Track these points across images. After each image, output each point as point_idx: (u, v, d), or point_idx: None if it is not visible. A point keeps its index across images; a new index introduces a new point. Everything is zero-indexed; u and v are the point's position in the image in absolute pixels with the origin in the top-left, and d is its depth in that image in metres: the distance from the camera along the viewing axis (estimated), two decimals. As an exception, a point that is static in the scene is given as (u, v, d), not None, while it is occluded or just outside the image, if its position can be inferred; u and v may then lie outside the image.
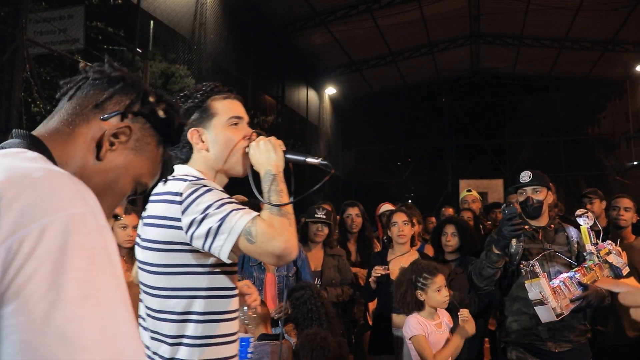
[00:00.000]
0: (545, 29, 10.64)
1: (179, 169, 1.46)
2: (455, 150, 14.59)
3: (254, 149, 1.40)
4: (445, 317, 2.81)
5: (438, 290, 2.70)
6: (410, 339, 2.68)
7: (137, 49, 6.54)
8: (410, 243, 3.40)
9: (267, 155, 1.38)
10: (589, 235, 2.57)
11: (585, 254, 2.57)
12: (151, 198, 1.38)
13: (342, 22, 9.84)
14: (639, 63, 11.10)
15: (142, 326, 1.39)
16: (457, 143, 14.62)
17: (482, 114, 14.33)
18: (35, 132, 0.81)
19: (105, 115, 0.85)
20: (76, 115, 0.84)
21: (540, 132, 13.93)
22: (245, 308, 1.56)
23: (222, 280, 1.35)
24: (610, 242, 2.61)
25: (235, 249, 1.23)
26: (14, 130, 0.81)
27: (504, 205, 2.96)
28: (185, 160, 1.46)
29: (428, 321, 2.72)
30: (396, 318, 3.17)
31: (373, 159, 14.87)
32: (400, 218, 3.35)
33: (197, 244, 1.26)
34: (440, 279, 2.72)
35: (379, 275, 3.14)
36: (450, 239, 3.60)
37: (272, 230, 1.23)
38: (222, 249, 1.23)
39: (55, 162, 0.77)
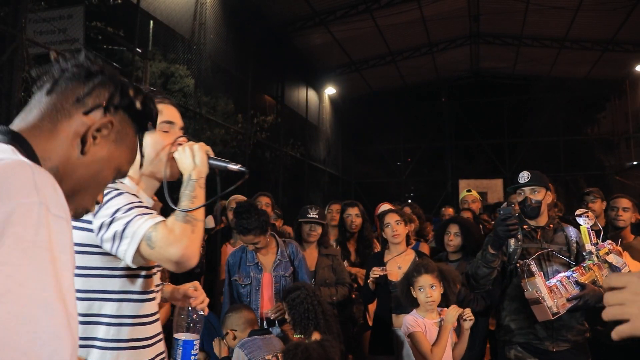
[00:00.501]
0: (544, 28, 10.65)
1: None
2: (455, 150, 14.60)
3: (179, 153, 1.41)
4: (442, 317, 2.81)
5: (420, 289, 2.72)
6: (408, 336, 2.70)
7: (137, 49, 6.54)
8: (406, 242, 3.39)
9: (190, 161, 1.39)
10: (589, 235, 2.58)
11: (584, 253, 2.58)
12: None
13: (342, 22, 9.83)
14: (639, 63, 11.10)
15: None
16: (457, 143, 14.63)
17: (482, 114, 14.34)
18: (15, 127, 0.81)
19: (88, 110, 0.85)
20: (57, 111, 0.84)
21: (539, 132, 13.94)
22: (191, 309, 1.57)
23: (136, 284, 1.36)
24: (610, 241, 2.62)
25: (138, 255, 1.25)
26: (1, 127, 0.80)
27: (504, 205, 2.97)
28: None
29: (425, 319, 2.74)
30: (396, 318, 3.17)
31: (373, 159, 14.88)
32: (392, 218, 3.34)
33: (106, 247, 1.28)
34: (424, 279, 2.73)
35: (377, 276, 3.13)
36: (453, 238, 3.62)
37: (172, 237, 1.23)
38: (126, 253, 1.25)
39: (36, 157, 0.77)
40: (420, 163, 14.76)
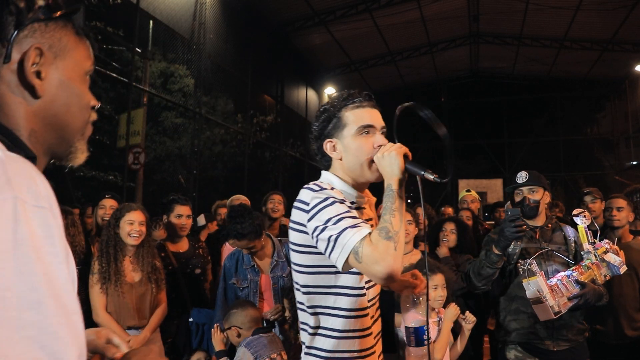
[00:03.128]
0: (544, 28, 10.66)
1: (322, 176, 1.59)
2: (455, 150, 14.61)
3: (378, 159, 1.46)
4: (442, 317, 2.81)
5: (434, 289, 2.73)
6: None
7: (137, 49, 6.55)
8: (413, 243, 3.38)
9: (389, 169, 1.44)
10: (586, 235, 2.59)
11: (582, 252, 2.59)
12: (294, 204, 1.49)
13: (342, 21, 9.85)
14: (638, 63, 11.11)
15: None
16: (456, 143, 14.64)
17: (481, 114, 14.36)
18: None
19: (5, 57, 0.72)
20: None
21: (539, 131, 13.96)
22: (414, 297, 1.70)
23: (352, 280, 1.46)
24: (607, 241, 2.62)
25: (347, 263, 1.31)
26: None
27: (507, 203, 2.98)
28: (328, 167, 1.58)
29: (430, 319, 2.75)
30: (398, 317, 3.17)
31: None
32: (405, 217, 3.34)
33: (321, 246, 1.36)
34: (439, 278, 2.74)
35: None
36: (449, 234, 3.63)
37: (376, 255, 1.26)
38: (337, 261, 1.31)
39: (11, 134, 0.71)
40: (419, 163, 14.73)
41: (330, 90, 12.93)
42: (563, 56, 11.65)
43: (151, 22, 6.90)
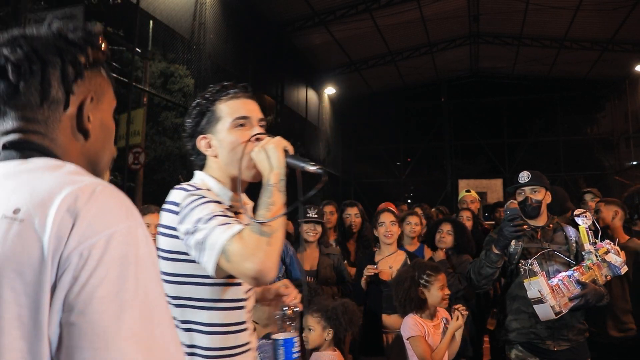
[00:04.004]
0: (544, 28, 10.66)
1: (195, 176, 1.45)
2: (455, 150, 14.62)
3: (256, 154, 1.33)
4: (444, 317, 2.81)
5: (441, 288, 2.72)
6: (408, 340, 2.69)
7: (137, 49, 6.55)
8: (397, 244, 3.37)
9: (267, 163, 1.31)
10: (587, 235, 2.59)
11: (584, 253, 2.59)
12: (162, 206, 1.37)
13: (342, 21, 9.84)
14: (638, 63, 11.11)
15: None
16: (456, 143, 14.64)
17: (481, 114, 14.36)
18: (30, 139, 0.78)
19: (66, 105, 0.81)
20: (44, 124, 0.79)
21: (539, 132, 13.97)
22: (286, 308, 1.57)
23: (227, 292, 1.33)
24: (608, 241, 2.63)
25: (220, 267, 1.20)
26: (12, 141, 0.78)
27: (509, 202, 2.98)
28: (202, 167, 1.45)
29: (426, 322, 2.72)
30: (387, 319, 3.16)
31: (372, 158, 14.89)
32: (387, 218, 3.32)
33: (192, 254, 1.25)
34: (443, 277, 2.74)
35: (371, 274, 3.11)
36: (445, 236, 3.63)
37: (246, 251, 1.16)
38: (207, 265, 1.20)
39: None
40: (419, 163, 14.77)
41: (330, 90, 12.93)
42: (563, 56, 11.65)
43: (151, 22, 6.89)
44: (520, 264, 2.56)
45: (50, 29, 0.82)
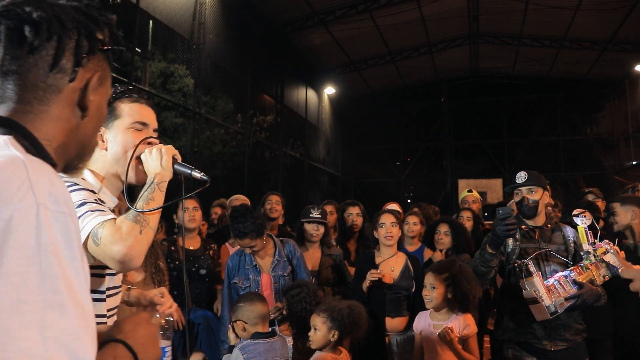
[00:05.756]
0: (544, 28, 10.66)
1: None
2: (454, 150, 14.62)
3: (146, 155, 1.40)
4: (456, 323, 2.71)
5: (424, 287, 2.75)
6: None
7: (136, 49, 6.54)
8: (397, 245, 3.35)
9: (155, 163, 1.38)
10: (586, 235, 2.58)
11: (582, 253, 2.59)
12: None
13: (341, 21, 9.84)
14: (638, 63, 11.10)
15: None
16: (456, 143, 14.64)
17: (481, 114, 14.35)
18: (3, 113, 0.75)
19: (72, 77, 0.79)
20: (43, 90, 0.76)
21: (539, 131, 13.96)
22: (158, 316, 1.56)
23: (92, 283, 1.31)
24: (607, 241, 2.62)
25: (86, 251, 1.20)
26: None
27: (510, 203, 2.98)
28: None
29: (429, 319, 2.75)
30: (389, 322, 3.14)
31: (372, 158, 14.89)
32: (388, 219, 3.28)
33: None
34: (427, 277, 2.77)
35: (376, 279, 3.07)
36: (443, 237, 3.63)
37: (117, 235, 1.20)
38: None
39: (40, 144, 0.74)
40: (419, 163, 14.77)
41: (330, 90, 12.93)
42: (563, 56, 11.65)
43: (151, 22, 6.89)
44: (516, 264, 2.56)
45: (72, 2, 0.81)
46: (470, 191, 5.31)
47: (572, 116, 13.80)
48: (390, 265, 3.23)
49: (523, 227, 2.72)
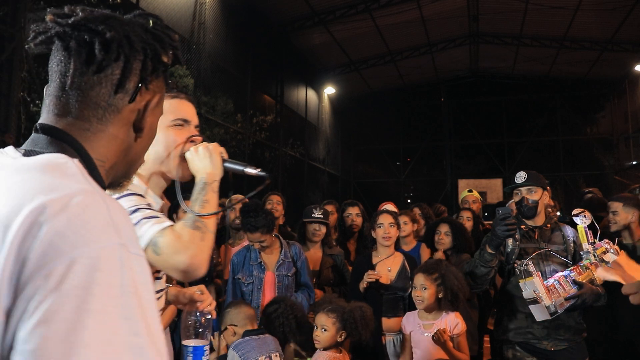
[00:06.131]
0: (544, 28, 10.66)
1: None
2: (454, 150, 14.61)
3: (192, 154, 1.33)
4: (446, 321, 2.75)
5: (414, 287, 2.75)
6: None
7: (136, 49, 6.54)
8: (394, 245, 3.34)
9: (204, 163, 1.31)
10: (586, 234, 2.58)
11: (582, 253, 2.59)
12: None
13: (341, 21, 9.84)
14: (638, 63, 11.10)
15: None
16: (456, 143, 14.64)
17: (481, 114, 14.35)
18: (63, 127, 0.74)
19: (133, 97, 0.79)
20: (103, 109, 0.76)
21: (539, 131, 13.96)
22: (198, 314, 1.53)
23: None
24: (607, 240, 2.62)
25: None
26: (42, 125, 0.74)
27: (509, 203, 2.98)
28: None
29: (418, 319, 2.75)
30: (386, 322, 3.14)
31: (372, 158, 14.89)
32: (386, 220, 3.27)
33: None
34: (417, 278, 2.77)
35: (373, 280, 3.07)
36: (443, 237, 3.63)
37: (179, 244, 1.15)
38: None
39: (93, 165, 0.74)
40: (419, 163, 14.77)
41: (330, 90, 12.93)
42: (563, 56, 11.64)
43: (151, 21, 6.88)
44: (516, 264, 2.56)
45: (139, 20, 0.81)
46: (470, 191, 5.31)
47: (572, 116, 13.80)
48: (387, 265, 3.23)
49: (523, 227, 2.73)
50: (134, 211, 1.19)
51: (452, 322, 2.72)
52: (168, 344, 3.03)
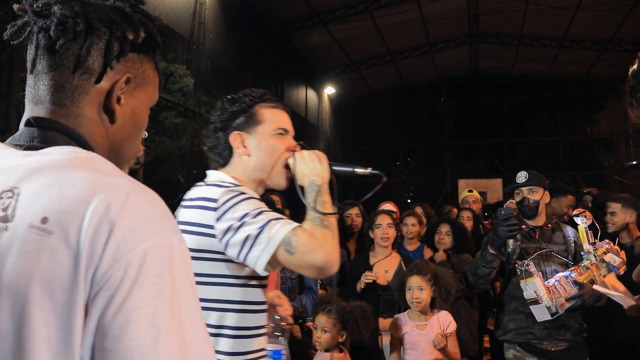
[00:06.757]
0: (544, 28, 10.65)
1: (212, 175, 1.42)
2: (454, 150, 14.61)
3: (298, 159, 1.37)
4: (439, 321, 2.76)
5: (409, 290, 2.74)
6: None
7: (136, 49, 6.53)
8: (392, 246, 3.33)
9: (312, 166, 1.36)
10: (587, 235, 2.59)
11: (582, 253, 2.59)
12: (183, 204, 1.34)
13: (341, 21, 9.84)
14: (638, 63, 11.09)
15: None
16: (456, 142, 14.64)
17: (481, 114, 14.34)
18: (55, 117, 0.74)
19: (98, 78, 0.76)
20: (72, 91, 0.75)
21: (539, 131, 13.96)
22: (277, 318, 1.53)
23: (255, 294, 1.30)
24: (607, 241, 2.62)
25: (273, 260, 1.18)
26: (32, 118, 0.74)
27: (507, 203, 2.98)
28: (223, 165, 1.43)
29: (411, 321, 2.75)
30: (383, 322, 3.14)
31: (372, 158, 14.87)
32: (385, 220, 3.27)
33: (232, 252, 1.21)
34: (413, 280, 2.75)
35: (370, 281, 3.06)
36: (444, 237, 3.63)
37: (314, 242, 1.18)
38: (258, 260, 1.17)
39: (89, 146, 0.74)
40: (419, 163, 14.76)
41: (330, 90, 12.92)
42: (563, 56, 11.64)
43: (128, 4, 6.87)
44: (517, 265, 2.56)
45: (116, 3, 0.79)
46: (470, 191, 5.32)
47: (572, 116, 13.80)
48: (384, 266, 3.23)
49: (523, 227, 2.72)
50: (259, 213, 1.21)
51: (445, 321, 2.75)
52: None
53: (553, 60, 12.06)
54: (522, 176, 2.72)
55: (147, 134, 0.91)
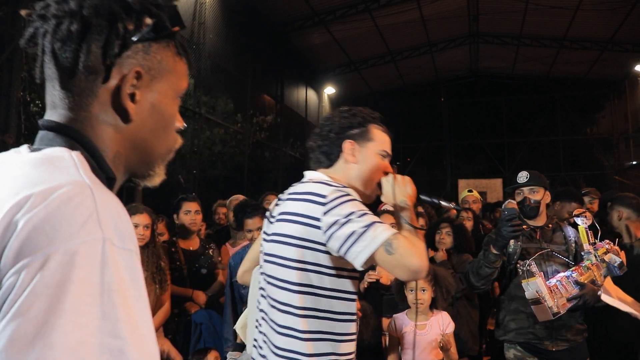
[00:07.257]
0: (544, 28, 10.65)
1: (314, 174, 1.57)
2: (454, 150, 14.62)
3: (390, 181, 1.54)
4: (438, 321, 2.78)
5: (411, 291, 2.75)
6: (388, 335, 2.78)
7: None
8: None
9: (404, 189, 1.52)
10: (587, 235, 2.59)
11: (583, 253, 2.59)
12: (288, 196, 1.49)
13: (341, 21, 9.84)
14: (638, 63, 11.10)
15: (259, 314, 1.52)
16: (456, 142, 14.64)
17: (481, 114, 14.34)
18: (59, 120, 0.71)
19: (105, 76, 0.71)
20: (78, 95, 0.71)
21: (539, 131, 13.96)
22: None
23: (346, 284, 1.43)
24: (608, 241, 2.62)
25: (370, 258, 1.30)
26: (43, 122, 0.72)
27: (506, 203, 2.98)
28: (326, 166, 1.58)
29: (410, 320, 2.76)
30: (386, 322, 3.14)
31: (372, 158, 14.87)
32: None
33: (334, 244, 1.33)
34: (413, 282, 2.76)
35: (374, 280, 3.07)
36: (445, 237, 3.63)
37: (414, 248, 1.32)
38: (360, 254, 1.30)
39: (100, 156, 0.71)
40: (419, 163, 14.76)
41: (330, 90, 12.92)
42: (563, 56, 11.64)
43: None
44: (518, 265, 2.56)
45: None
46: (470, 191, 5.32)
47: (572, 116, 13.80)
48: None
49: (524, 227, 2.72)
50: (363, 214, 1.34)
51: (445, 321, 2.77)
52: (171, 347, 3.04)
53: (553, 60, 12.06)
54: (523, 176, 2.72)
55: (184, 125, 0.83)
